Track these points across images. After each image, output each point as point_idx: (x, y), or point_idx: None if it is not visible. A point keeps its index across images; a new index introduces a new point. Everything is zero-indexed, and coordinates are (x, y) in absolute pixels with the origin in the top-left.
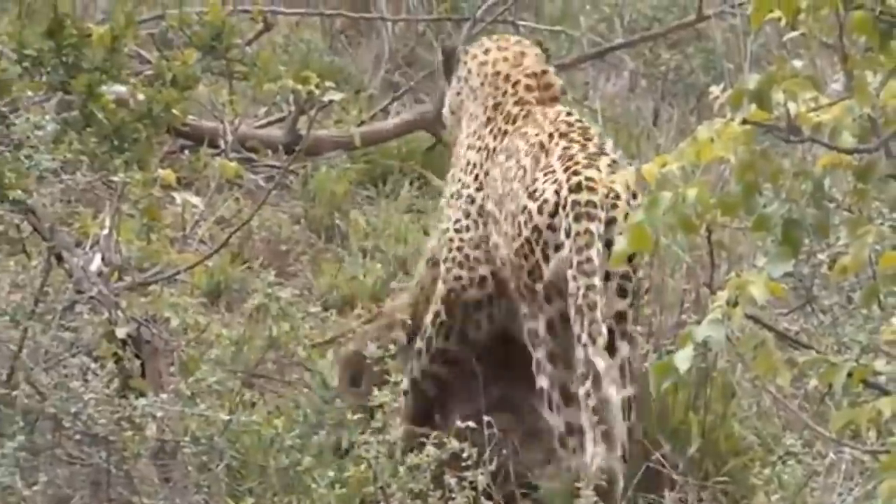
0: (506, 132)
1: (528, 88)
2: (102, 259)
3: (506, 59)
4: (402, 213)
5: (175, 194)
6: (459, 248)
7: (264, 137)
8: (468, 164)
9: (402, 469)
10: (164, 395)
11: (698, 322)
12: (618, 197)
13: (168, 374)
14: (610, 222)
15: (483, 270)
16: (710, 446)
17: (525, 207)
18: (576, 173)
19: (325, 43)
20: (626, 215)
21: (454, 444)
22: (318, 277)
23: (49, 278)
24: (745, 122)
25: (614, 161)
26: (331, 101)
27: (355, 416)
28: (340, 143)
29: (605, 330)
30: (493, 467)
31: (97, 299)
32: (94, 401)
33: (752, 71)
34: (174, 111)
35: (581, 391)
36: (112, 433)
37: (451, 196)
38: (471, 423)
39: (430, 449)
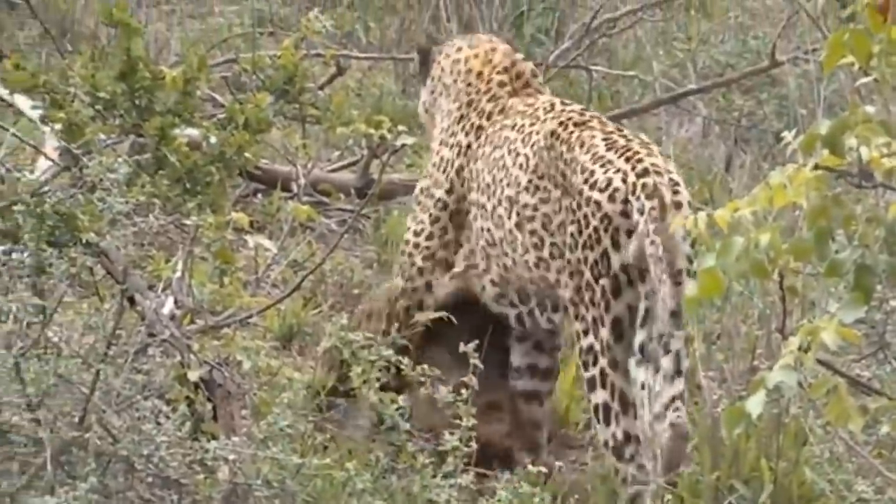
0: (480, 127)
1: (501, 84)
2: (175, 302)
3: (476, 56)
4: None
5: (248, 238)
6: (410, 255)
7: (337, 181)
8: (441, 160)
9: None
10: (236, 439)
11: (770, 368)
12: (678, 184)
13: (240, 418)
14: (676, 206)
15: (427, 277)
16: (782, 492)
17: (590, 198)
18: (640, 161)
19: (398, 87)
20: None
21: (526, 488)
22: None
23: (122, 321)
24: (817, 167)
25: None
26: (403, 146)
27: (427, 460)
28: (413, 187)
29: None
30: None
31: (169, 342)
32: (167, 444)
33: (825, 116)
34: (247, 154)
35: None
36: (184, 476)
37: (421, 191)
38: (542, 468)
39: (501, 494)
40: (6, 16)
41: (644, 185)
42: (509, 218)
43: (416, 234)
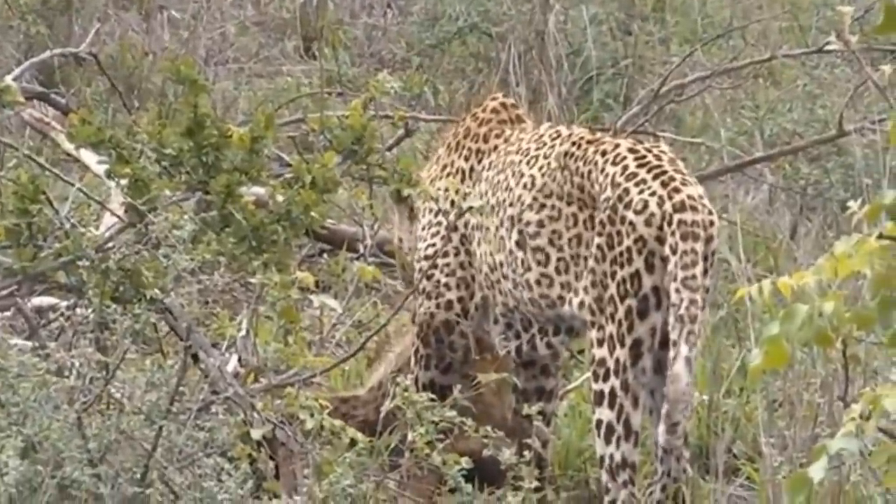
0: (478, 150)
1: (494, 111)
2: (239, 360)
3: None
4: None
5: (313, 297)
6: (429, 277)
7: None
8: (438, 190)
9: None
10: (297, 498)
11: (832, 435)
12: (711, 213)
13: (302, 477)
14: (709, 240)
15: (451, 295)
16: None
17: (625, 218)
18: (677, 190)
19: None
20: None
21: None
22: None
23: (185, 378)
24: (881, 236)
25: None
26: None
27: None
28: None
29: (699, 343)
30: None
31: (233, 400)
32: (228, 501)
33: (891, 187)
34: (313, 214)
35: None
36: None
37: (423, 228)
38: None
39: None
40: (74, 71)
41: (680, 223)
42: (510, 238)
43: (427, 257)
